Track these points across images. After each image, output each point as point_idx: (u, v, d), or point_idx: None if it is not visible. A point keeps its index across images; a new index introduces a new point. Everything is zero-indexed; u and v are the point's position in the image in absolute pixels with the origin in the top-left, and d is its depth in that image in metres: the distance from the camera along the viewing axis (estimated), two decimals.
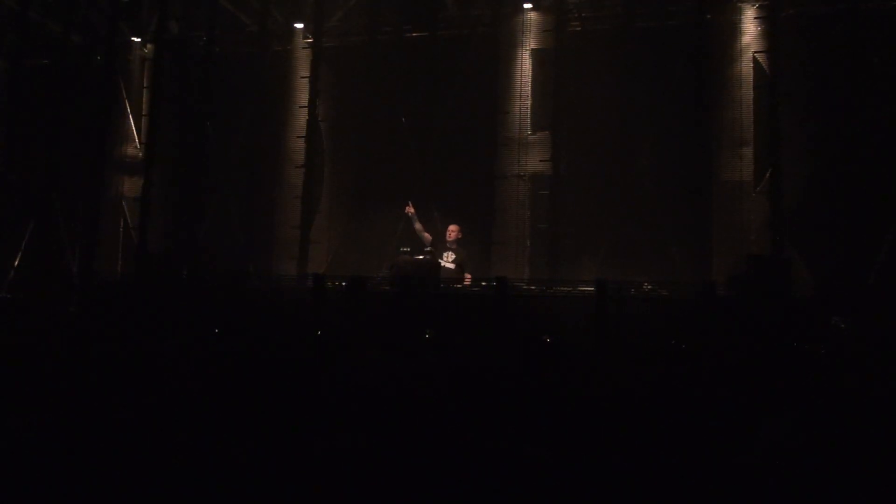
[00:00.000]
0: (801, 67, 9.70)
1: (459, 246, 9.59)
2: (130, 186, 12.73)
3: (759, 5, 10.20)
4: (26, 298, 11.08)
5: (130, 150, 12.99)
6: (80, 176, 12.17)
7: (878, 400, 4.64)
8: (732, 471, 3.40)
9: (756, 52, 10.16)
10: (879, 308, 7.99)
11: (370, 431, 4.01)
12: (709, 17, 10.24)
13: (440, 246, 9.53)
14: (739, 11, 10.37)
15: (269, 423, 4.09)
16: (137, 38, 13.12)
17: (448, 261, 9.40)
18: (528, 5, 11.24)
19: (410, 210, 9.75)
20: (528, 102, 11.13)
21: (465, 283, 9.08)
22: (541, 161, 10.80)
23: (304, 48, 12.17)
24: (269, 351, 6.16)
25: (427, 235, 9.62)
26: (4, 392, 4.76)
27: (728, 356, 5.93)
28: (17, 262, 12.45)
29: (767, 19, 9.93)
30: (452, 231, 9.56)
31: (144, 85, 13.01)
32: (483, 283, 8.95)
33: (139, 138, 12.85)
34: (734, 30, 10.35)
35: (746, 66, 10.26)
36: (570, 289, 8.60)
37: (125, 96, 13.02)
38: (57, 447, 3.76)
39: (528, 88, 11.16)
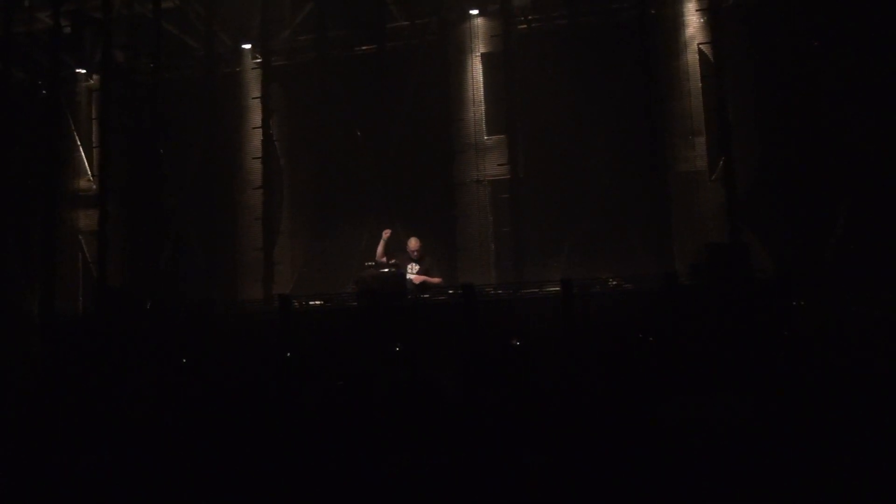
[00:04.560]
0: (745, 55, 9.89)
1: (424, 255, 9.53)
2: (86, 220, 12.50)
3: None
4: None
5: (83, 184, 12.76)
6: (34, 214, 11.92)
7: (844, 376, 4.72)
8: (695, 456, 3.43)
9: (700, 43, 10.32)
10: (838, 286, 8.15)
11: (346, 452, 3.99)
12: (652, 11, 10.40)
13: (405, 259, 9.44)
14: (682, 4, 10.52)
15: (244, 449, 4.05)
16: (82, 69, 12.90)
17: (412, 272, 9.33)
18: (474, 11, 11.30)
19: (387, 234, 9.57)
20: (482, 107, 11.21)
21: (434, 282, 9.14)
22: (499, 165, 10.88)
23: (253, 69, 12.08)
24: (238, 377, 6.09)
25: (383, 260, 9.37)
26: None
27: (693, 344, 6.01)
28: None
29: (709, 11, 10.10)
30: (413, 248, 9.43)
31: (93, 116, 12.78)
32: (450, 291, 8.93)
33: (91, 171, 12.64)
34: (678, 23, 10.50)
35: (692, 58, 10.43)
36: (537, 290, 8.63)
37: (74, 129, 12.80)
38: (27, 489, 3.68)
39: (480, 93, 11.23)
